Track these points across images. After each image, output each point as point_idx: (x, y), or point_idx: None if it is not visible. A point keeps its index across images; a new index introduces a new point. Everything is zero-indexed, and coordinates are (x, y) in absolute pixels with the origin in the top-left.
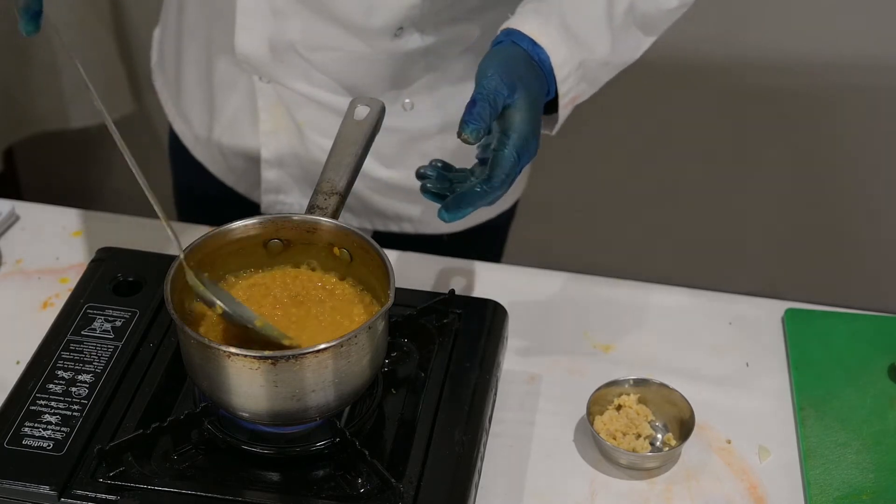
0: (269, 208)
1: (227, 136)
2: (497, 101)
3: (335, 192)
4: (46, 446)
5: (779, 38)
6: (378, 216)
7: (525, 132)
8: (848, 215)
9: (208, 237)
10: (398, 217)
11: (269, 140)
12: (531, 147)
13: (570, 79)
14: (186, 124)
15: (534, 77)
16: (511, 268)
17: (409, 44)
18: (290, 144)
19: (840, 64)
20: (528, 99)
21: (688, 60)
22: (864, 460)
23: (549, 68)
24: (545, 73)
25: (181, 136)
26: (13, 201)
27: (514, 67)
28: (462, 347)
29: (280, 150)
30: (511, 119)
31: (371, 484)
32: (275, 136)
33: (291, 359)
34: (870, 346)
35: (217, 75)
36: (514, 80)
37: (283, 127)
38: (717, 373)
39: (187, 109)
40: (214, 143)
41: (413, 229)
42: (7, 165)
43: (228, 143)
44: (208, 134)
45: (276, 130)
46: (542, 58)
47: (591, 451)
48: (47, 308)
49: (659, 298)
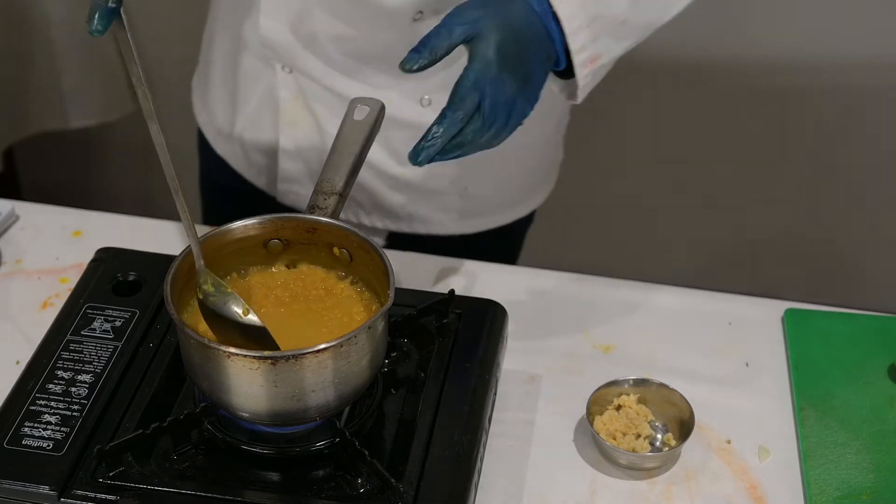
0: (284, 197)
1: (249, 129)
2: (448, 33)
3: (334, 191)
4: (46, 446)
5: (779, 38)
6: (390, 216)
7: (488, 59)
8: (848, 215)
9: (208, 237)
10: (410, 218)
11: (289, 131)
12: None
13: (583, 33)
14: (210, 118)
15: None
16: (511, 268)
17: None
18: (307, 136)
19: (840, 64)
20: (500, 31)
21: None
22: (863, 460)
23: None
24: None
25: (204, 130)
26: (13, 201)
27: (494, 6)
28: (462, 347)
29: (298, 141)
30: (475, 49)
31: (371, 484)
32: (294, 127)
33: (291, 359)
34: (870, 346)
35: (242, 69)
36: (485, 12)
37: (302, 118)
38: (717, 373)
39: (212, 103)
40: (236, 137)
41: (425, 230)
42: (7, 165)
43: (249, 137)
44: (230, 128)
45: (296, 122)
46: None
47: (590, 451)
48: (47, 308)
49: (659, 298)
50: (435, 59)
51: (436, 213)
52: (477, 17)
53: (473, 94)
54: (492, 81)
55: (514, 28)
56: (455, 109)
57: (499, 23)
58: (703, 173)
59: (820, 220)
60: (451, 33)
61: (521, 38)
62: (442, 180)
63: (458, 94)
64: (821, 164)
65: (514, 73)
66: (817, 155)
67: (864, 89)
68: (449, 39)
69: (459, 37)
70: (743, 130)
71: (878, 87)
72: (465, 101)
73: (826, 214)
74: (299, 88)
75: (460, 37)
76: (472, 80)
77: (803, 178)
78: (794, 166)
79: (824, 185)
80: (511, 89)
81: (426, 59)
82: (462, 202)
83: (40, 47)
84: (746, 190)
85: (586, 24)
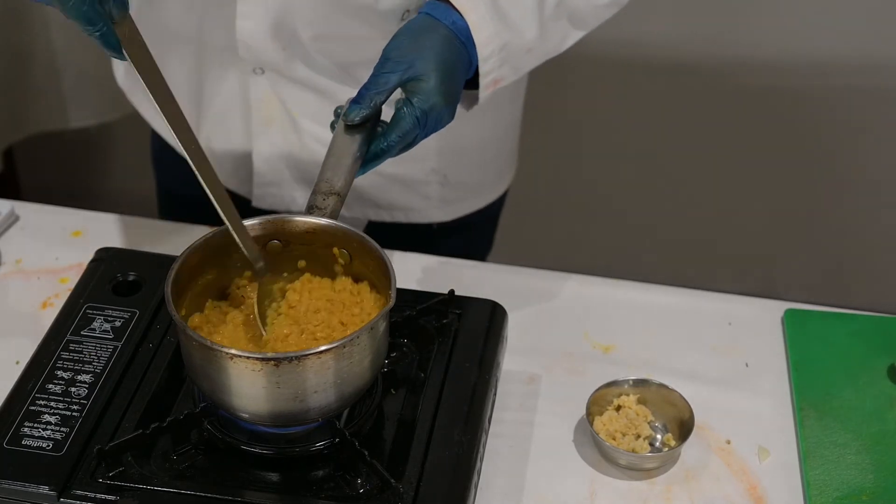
0: (260, 201)
1: (217, 131)
2: (385, 83)
3: (333, 192)
4: (46, 446)
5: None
6: (371, 206)
7: (431, 102)
8: (848, 215)
9: (209, 237)
10: (391, 206)
11: (262, 133)
12: (440, 115)
13: (493, 59)
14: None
15: (447, 46)
16: (511, 268)
17: None
18: (283, 136)
19: (840, 64)
20: (436, 68)
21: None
22: (863, 461)
23: (468, 37)
24: (464, 42)
25: (165, 137)
26: (13, 201)
27: (423, 39)
28: (462, 348)
29: (273, 142)
30: (415, 89)
31: (371, 484)
32: (267, 128)
33: (294, 360)
34: (869, 347)
35: (205, 73)
36: (418, 53)
37: (277, 119)
38: (717, 373)
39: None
40: (203, 139)
41: (405, 218)
42: (7, 165)
43: (218, 139)
44: (196, 132)
45: (269, 123)
46: (460, 25)
47: (590, 452)
48: (47, 308)
49: (659, 299)
50: (376, 108)
51: (416, 202)
52: (411, 60)
53: (415, 129)
54: (434, 116)
55: (447, 63)
56: (395, 144)
57: (434, 61)
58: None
59: (820, 220)
60: (388, 82)
61: (453, 70)
62: (423, 170)
63: (401, 127)
64: (820, 164)
65: (450, 102)
66: (817, 155)
67: (865, 89)
68: (386, 87)
69: (396, 83)
70: (744, 129)
71: (879, 87)
72: (407, 136)
73: (826, 214)
74: (272, 88)
75: (396, 83)
76: (414, 119)
77: (803, 177)
78: (795, 166)
79: (824, 185)
80: (445, 115)
81: (367, 110)
82: (442, 190)
83: (40, 47)
84: (746, 189)
85: (497, 50)
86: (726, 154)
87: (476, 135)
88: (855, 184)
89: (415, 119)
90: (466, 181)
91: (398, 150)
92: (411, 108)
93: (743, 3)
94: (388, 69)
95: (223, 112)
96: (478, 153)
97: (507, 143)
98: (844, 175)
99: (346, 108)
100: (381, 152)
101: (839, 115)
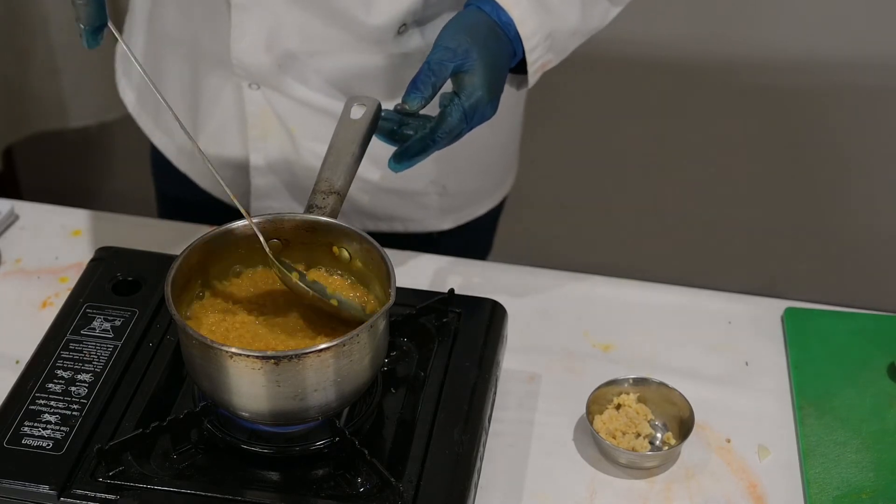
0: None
1: (214, 145)
2: (442, 70)
3: (333, 191)
4: (46, 446)
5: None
6: (369, 217)
7: (477, 96)
8: (847, 214)
9: (209, 237)
10: (390, 218)
11: (259, 147)
12: (485, 110)
13: (539, 48)
14: (168, 137)
15: (495, 41)
16: (511, 267)
17: (409, 44)
18: (280, 150)
19: (840, 64)
20: (484, 63)
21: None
22: (863, 459)
23: (515, 33)
24: (510, 37)
25: (163, 150)
26: (12, 201)
27: (473, 33)
28: (461, 347)
29: (270, 156)
30: (463, 82)
31: (370, 483)
32: (264, 142)
33: (294, 358)
34: (869, 345)
35: (202, 84)
36: (469, 45)
37: (273, 133)
38: (717, 372)
39: (169, 121)
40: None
41: (404, 228)
42: (7, 165)
43: (215, 153)
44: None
45: (266, 137)
46: (506, 21)
47: (590, 451)
48: (47, 307)
49: (659, 298)
50: (433, 95)
51: (415, 213)
52: (465, 51)
53: (462, 123)
54: (478, 112)
55: (493, 56)
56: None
57: (485, 58)
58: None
59: (820, 219)
60: (445, 69)
61: (498, 64)
62: (422, 181)
63: (446, 123)
64: (820, 164)
65: (494, 97)
66: (817, 154)
67: (865, 89)
68: (443, 75)
69: (450, 72)
70: (745, 129)
71: (879, 87)
72: (454, 130)
73: (826, 213)
74: (268, 103)
75: (451, 71)
76: (461, 113)
77: (803, 177)
78: (795, 165)
79: (824, 185)
80: (489, 109)
81: (426, 97)
82: (441, 200)
83: (40, 47)
84: (746, 189)
85: (543, 38)
86: (726, 153)
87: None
88: (855, 183)
89: (462, 113)
90: (466, 190)
91: (445, 144)
92: (459, 102)
93: (743, 3)
94: (445, 57)
95: (220, 125)
96: (477, 162)
97: (507, 151)
98: (844, 174)
99: (405, 96)
100: (428, 146)
101: (839, 114)
